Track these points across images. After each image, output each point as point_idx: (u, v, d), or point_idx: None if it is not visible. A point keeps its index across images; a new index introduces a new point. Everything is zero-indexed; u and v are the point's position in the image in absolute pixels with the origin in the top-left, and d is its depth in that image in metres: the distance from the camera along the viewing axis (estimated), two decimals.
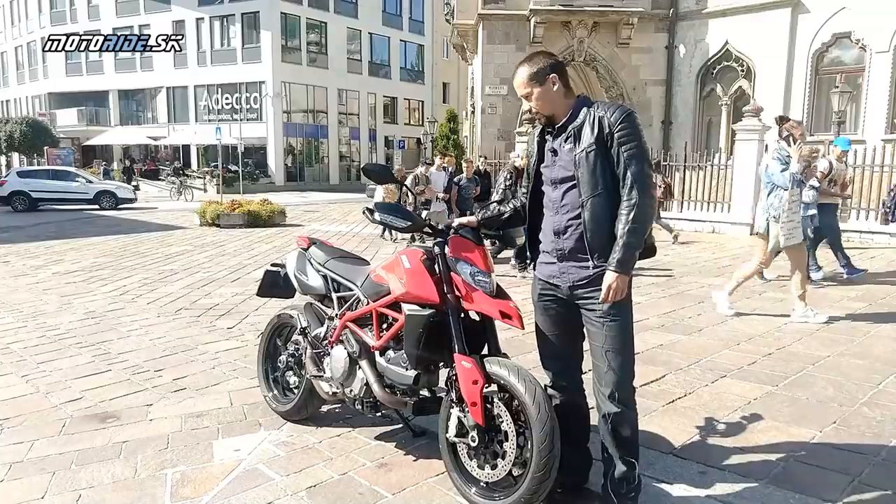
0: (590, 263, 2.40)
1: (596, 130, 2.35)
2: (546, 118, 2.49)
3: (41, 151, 36.30)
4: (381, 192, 11.92)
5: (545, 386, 2.58)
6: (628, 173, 2.32)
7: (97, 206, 22.30)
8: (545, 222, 2.56)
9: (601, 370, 2.43)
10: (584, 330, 2.53)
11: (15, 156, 41.72)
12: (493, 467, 2.50)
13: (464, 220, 2.80)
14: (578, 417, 2.66)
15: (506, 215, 2.77)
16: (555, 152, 2.49)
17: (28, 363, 4.61)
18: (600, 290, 2.35)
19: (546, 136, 2.55)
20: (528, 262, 8.23)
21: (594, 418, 2.75)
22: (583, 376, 2.68)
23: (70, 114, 41.39)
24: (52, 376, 4.30)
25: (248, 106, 36.53)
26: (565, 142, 2.44)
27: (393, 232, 10.66)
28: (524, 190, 2.73)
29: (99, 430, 3.40)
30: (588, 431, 2.71)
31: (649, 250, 2.51)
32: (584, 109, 2.43)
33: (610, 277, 2.31)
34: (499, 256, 8.84)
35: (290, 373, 3.51)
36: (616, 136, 2.33)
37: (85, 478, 2.89)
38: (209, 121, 36.01)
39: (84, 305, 6.59)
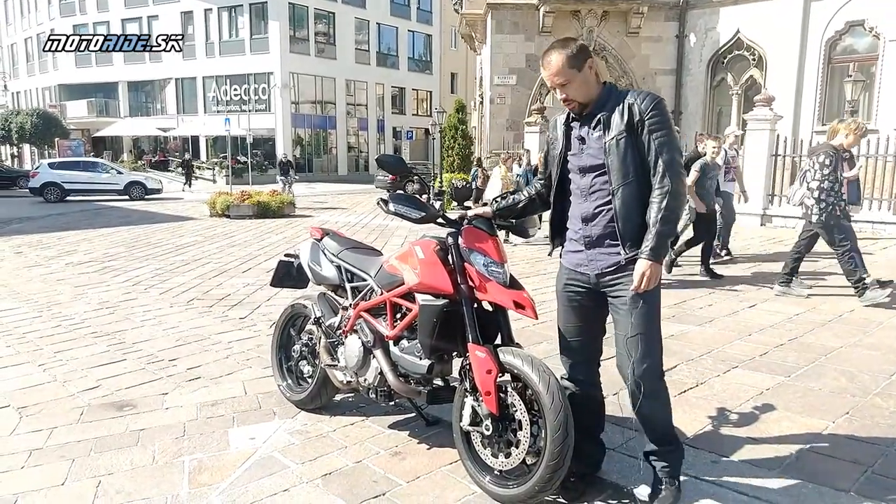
0: (620, 251, 2.39)
1: (626, 117, 2.33)
2: (579, 105, 2.42)
3: (52, 143, 36.56)
4: (498, 180, 10.92)
5: (560, 376, 2.60)
6: (660, 161, 2.31)
7: (127, 197, 22.67)
8: (572, 209, 2.53)
9: (628, 358, 2.41)
10: (612, 319, 2.50)
11: (26, 147, 42.02)
12: (507, 456, 2.52)
13: (479, 210, 2.79)
14: (593, 409, 2.67)
15: (521, 204, 2.75)
16: (582, 140, 2.45)
17: (45, 352, 4.67)
18: (629, 276, 2.35)
19: (571, 124, 2.50)
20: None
21: (608, 407, 2.78)
22: (599, 368, 2.68)
23: (80, 105, 41.58)
24: (68, 365, 4.36)
25: (257, 97, 36.56)
26: (593, 129, 2.41)
27: (511, 236, 9.38)
28: (541, 177, 2.72)
29: (116, 419, 3.45)
30: (602, 422, 2.73)
31: None
32: (612, 96, 2.40)
33: (643, 265, 2.30)
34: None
35: (304, 362, 3.54)
36: (647, 123, 2.31)
37: (104, 464, 2.94)
38: (218, 112, 36.09)
39: (98, 295, 6.66)
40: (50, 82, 43.86)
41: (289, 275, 3.70)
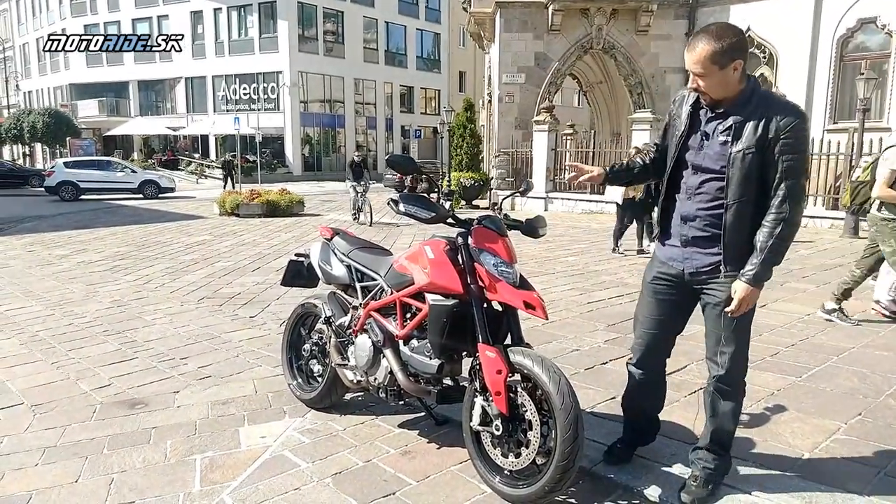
0: (718, 251, 2.31)
1: (760, 131, 2.18)
2: (710, 99, 2.27)
3: (63, 142, 36.84)
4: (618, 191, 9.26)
5: (627, 360, 2.69)
6: (783, 185, 2.19)
7: (141, 195, 22.87)
8: (677, 204, 2.44)
9: (713, 355, 2.42)
10: (702, 313, 2.48)
11: (38, 146, 42.36)
12: (517, 456, 2.53)
13: (595, 171, 2.67)
14: (654, 393, 2.75)
15: (636, 170, 2.67)
16: (707, 136, 2.31)
17: (57, 350, 4.71)
18: (725, 283, 2.30)
19: (700, 110, 2.35)
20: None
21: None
22: (668, 359, 2.72)
23: (91, 105, 41.88)
24: (80, 363, 4.40)
25: (266, 96, 36.69)
26: (721, 132, 2.26)
27: (645, 243, 9.12)
28: (654, 148, 2.63)
29: (128, 417, 3.48)
30: (662, 403, 2.81)
31: None
32: (752, 101, 2.23)
33: (742, 289, 2.23)
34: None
35: (315, 361, 3.56)
36: (781, 142, 2.17)
37: (117, 462, 2.96)
38: (227, 111, 36.24)
39: (109, 294, 6.71)
40: (61, 82, 44.18)
41: (299, 274, 3.72)
